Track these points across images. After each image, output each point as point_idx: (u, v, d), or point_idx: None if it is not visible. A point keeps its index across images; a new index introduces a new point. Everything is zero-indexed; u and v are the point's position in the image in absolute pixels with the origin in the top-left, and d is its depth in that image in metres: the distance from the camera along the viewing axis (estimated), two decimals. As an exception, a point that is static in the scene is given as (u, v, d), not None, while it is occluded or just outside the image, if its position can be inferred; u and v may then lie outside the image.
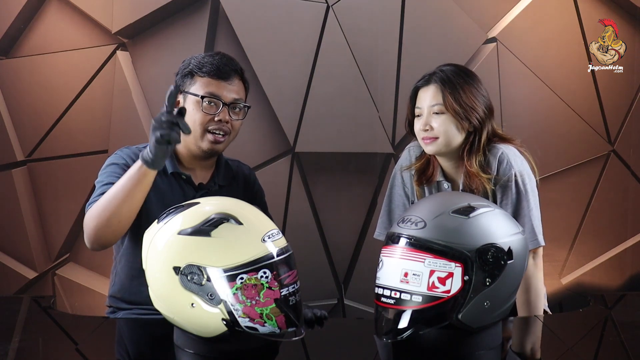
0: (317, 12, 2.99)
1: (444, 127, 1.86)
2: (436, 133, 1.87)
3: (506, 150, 1.90)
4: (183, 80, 1.85)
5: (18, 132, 3.06)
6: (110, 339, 1.64)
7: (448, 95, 1.86)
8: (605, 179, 3.14)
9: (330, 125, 3.02)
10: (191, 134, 1.73)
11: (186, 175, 1.88)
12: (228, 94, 1.83)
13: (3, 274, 3.07)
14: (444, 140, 1.87)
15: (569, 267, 3.17)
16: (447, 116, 1.86)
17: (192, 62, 1.86)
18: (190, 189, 1.88)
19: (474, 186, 1.89)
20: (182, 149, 1.88)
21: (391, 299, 1.36)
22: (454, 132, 1.87)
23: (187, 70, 1.86)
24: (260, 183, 2.09)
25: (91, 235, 1.70)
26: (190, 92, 1.82)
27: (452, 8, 3.00)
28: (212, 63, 1.84)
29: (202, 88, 1.82)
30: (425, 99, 1.89)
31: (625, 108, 3.12)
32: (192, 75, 1.84)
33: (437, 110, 1.87)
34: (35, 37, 3.01)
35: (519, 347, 1.58)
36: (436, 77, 1.90)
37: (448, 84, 1.87)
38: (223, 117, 1.82)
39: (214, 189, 1.91)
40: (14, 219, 3.06)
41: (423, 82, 1.93)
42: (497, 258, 1.35)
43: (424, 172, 1.98)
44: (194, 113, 1.81)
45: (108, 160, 1.87)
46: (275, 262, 1.34)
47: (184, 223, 1.37)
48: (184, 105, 1.82)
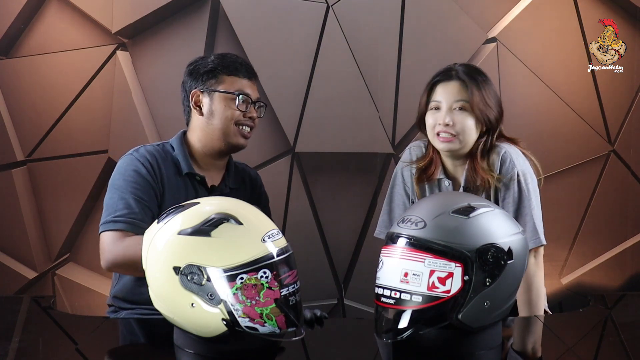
0: (317, 12, 2.99)
1: (466, 125, 1.85)
2: (457, 130, 1.85)
3: (509, 150, 1.90)
4: (203, 80, 1.87)
5: (18, 132, 3.06)
6: (110, 339, 1.64)
7: (476, 92, 1.84)
8: (605, 179, 3.14)
9: (330, 125, 3.02)
10: (220, 130, 1.85)
11: (200, 177, 1.89)
12: (253, 92, 1.91)
13: (3, 274, 3.06)
14: (463, 138, 1.86)
15: (569, 267, 3.17)
16: (470, 114, 1.85)
17: (212, 61, 1.88)
18: (203, 190, 1.89)
19: (478, 183, 1.89)
20: (200, 148, 1.90)
21: (391, 299, 1.36)
22: (473, 131, 1.87)
23: (207, 69, 1.87)
24: None
25: (114, 269, 1.76)
26: (220, 90, 1.86)
27: (452, 8, 3.00)
28: (236, 62, 1.89)
29: (233, 86, 1.87)
30: (448, 93, 1.87)
31: (625, 108, 3.12)
32: (216, 75, 1.87)
33: (461, 107, 1.86)
34: (35, 37, 3.01)
35: (521, 346, 1.58)
36: (459, 73, 1.88)
37: (473, 81, 1.86)
38: (253, 113, 1.90)
39: (225, 192, 1.92)
40: (14, 219, 3.06)
41: (443, 76, 1.90)
42: (497, 258, 1.35)
43: (425, 171, 1.97)
44: (226, 110, 1.85)
45: (127, 164, 1.83)
46: (275, 262, 1.34)
47: (184, 223, 1.37)
48: (209, 103, 1.85)
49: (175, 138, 1.93)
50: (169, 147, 1.91)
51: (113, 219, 1.74)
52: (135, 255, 1.59)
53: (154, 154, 1.86)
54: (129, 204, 1.76)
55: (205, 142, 1.89)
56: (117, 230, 1.72)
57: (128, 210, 1.75)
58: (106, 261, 1.74)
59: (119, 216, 1.74)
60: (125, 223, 1.73)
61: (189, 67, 1.92)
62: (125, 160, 1.85)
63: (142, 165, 1.82)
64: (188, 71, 1.91)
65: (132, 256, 1.67)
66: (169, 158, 1.88)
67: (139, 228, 1.72)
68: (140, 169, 1.81)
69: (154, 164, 1.83)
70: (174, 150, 1.89)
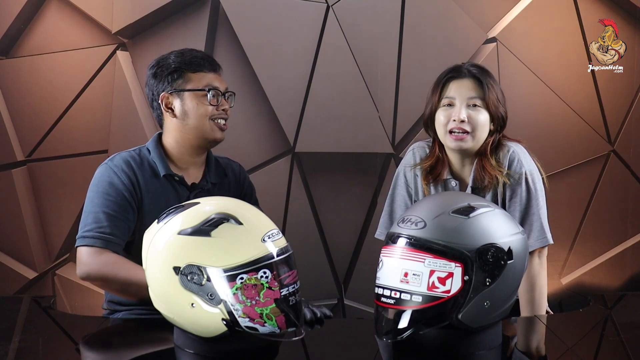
0: (317, 12, 2.99)
1: (480, 122, 1.85)
2: (473, 126, 1.84)
3: (517, 149, 1.91)
4: (169, 81, 1.86)
5: (18, 132, 3.06)
6: (110, 339, 1.64)
7: (492, 89, 1.85)
8: (605, 179, 3.14)
9: (330, 126, 3.02)
10: (197, 128, 1.85)
11: (179, 177, 1.88)
12: (221, 84, 1.90)
13: (3, 274, 3.07)
14: (476, 135, 1.85)
15: (569, 267, 3.17)
16: (484, 111, 1.86)
17: (174, 61, 1.87)
18: (184, 189, 1.89)
19: (485, 183, 1.88)
20: (177, 148, 1.89)
21: (391, 299, 1.36)
22: (486, 128, 1.87)
23: (170, 69, 1.86)
24: (253, 181, 2.09)
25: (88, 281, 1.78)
26: (189, 89, 1.85)
27: (452, 8, 3.00)
28: (198, 57, 1.88)
29: (201, 82, 1.86)
30: (462, 90, 1.86)
31: (625, 108, 3.12)
32: (182, 74, 1.86)
33: (476, 103, 1.85)
34: (35, 37, 3.01)
35: (525, 346, 1.58)
36: (472, 70, 1.88)
37: (487, 78, 1.87)
38: (225, 105, 1.89)
39: (207, 188, 1.92)
40: (14, 219, 3.06)
41: (455, 73, 1.89)
42: (497, 258, 1.35)
43: (431, 171, 1.95)
44: (199, 107, 1.85)
45: (101, 174, 1.84)
46: (275, 262, 1.34)
47: (184, 223, 1.37)
48: (180, 104, 1.85)
49: (151, 141, 1.91)
50: (145, 150, 1.90)
51: (82, 234, 1.78)
52: (110, 273, 1.72)
53: (129, 161, 1.85)
54: (98, 218, 1.78)
55: (182, 142, 1.88)
56: (90, 246, 1.76)
57: (96, 224, 1.77)
58: (82, 273, 1.77)
59: (88, 231, 1.77)
60: (93, 238, 1.76)
61: (152, 69, 1.89)
62: (99, 172, 1.86)
63: (115, 175, 1.82)
64: (152, 74, 1.89)
65: (106, 274, 1.73)
66: (146, 162, 1.87)
67: (108, 242, 1.76)
68: (114, 180, 1.81)
69: (129, 172, 1.83)
70: (150, 154, 1.88)
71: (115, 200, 1.79)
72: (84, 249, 1.77)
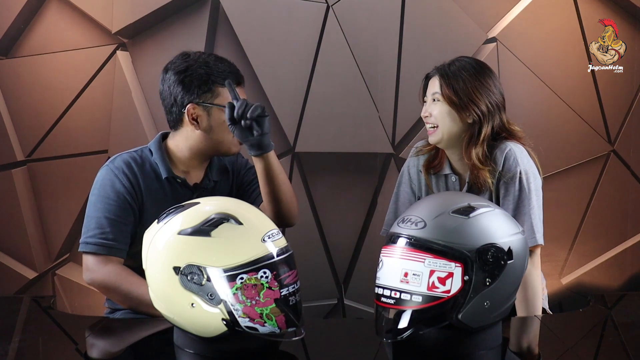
0: (317, 12, 2.99)
1: (440, 115, 1.91)
2: (434, 120, 1.92)
3: (514, 148, 1.91)
4: (198, 93, 1.81)
5: (18, 132, 3.06)
6: (110, 339, 1.64)
7: (444, 83, 1.91)
8: (605, 179, 3.14)
9: (330, 125, 3.02)
10: (220, 142, 1.85)
11: (181, 179, 1.88)
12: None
13: (3, 274, 3.07)
14: (441, 128, 1.91)
15: (569, 267, 3.17)
16: (443, 104, 1.91)
17: (205, 71, 1.81)
18: (186, 190, 1.88)
19: (480, 179, 1.90)
20: (186, 154, 1.87)
21: (391, 299, 1.36)
22: (450, 121, 1.91)
23: (200, 81, 1.81)
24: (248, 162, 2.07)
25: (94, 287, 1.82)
26: (217, 105, 1.81)
27: (452, 8, 3.00)
28: (226, 71, 1.83)
29: (229, 97, 1.78)
30: (430, 87, 1.96)
31: (625, 108, 3.12)
32: (211, 87, 1.81)
33: (436, 98, 1.92)
34: (35, 37, 3.01)
35: (525, 346, 1.58)
36: (440, 67, 1.96)
37: (447, 73, 1.92)
38: None
39: (210, 187, 1.92)
40: (14, 219, 3.06)
41: (431, 72, 1.99)
42: (497, 258, 1.35)
43: (431, 162, 2.02)
44: (225, 123, 1.77)
45: (103, 177, 1.84)
46: (275, 262, 1.34)
47: (184, 223, 1.37)
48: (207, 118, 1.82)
49: (154, 142, 1.89)
50: (147, 151, 1.89)
51: (85, 240, 1.80)
52: (113, 285, 1.76)
53: (131, 163, 1.84)
54: (100, 223, 1.79)
55: (196, 150, 1.86)
56: (94, 254, 1.78)
57: (99, 230, 1.78)
58: (87, 279, 1.81)
59: (90, 237, 1.79)
60: (96, 245, 1.78)
61: (179, 74, 1.82)
62: (101, 174, 1.85)
63: (117, 178, 1.81)
64: (179, 80, 1.81)
65: (108, 285, 1.77)
66: (147, 163, 1.86)
67: (111, 249, 1.78)
68: (115, 183, 1.81)
69: (130, 175, 1.82)
70: (152, 155, 1.87)
71: (117, 204, 1.79)
72: (90, 257, 1.78)
